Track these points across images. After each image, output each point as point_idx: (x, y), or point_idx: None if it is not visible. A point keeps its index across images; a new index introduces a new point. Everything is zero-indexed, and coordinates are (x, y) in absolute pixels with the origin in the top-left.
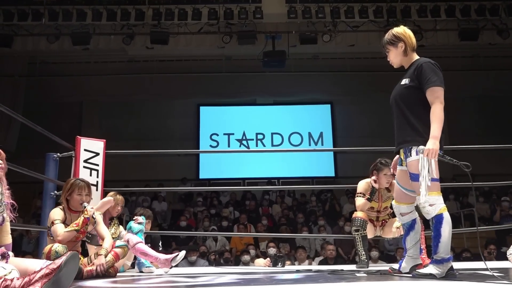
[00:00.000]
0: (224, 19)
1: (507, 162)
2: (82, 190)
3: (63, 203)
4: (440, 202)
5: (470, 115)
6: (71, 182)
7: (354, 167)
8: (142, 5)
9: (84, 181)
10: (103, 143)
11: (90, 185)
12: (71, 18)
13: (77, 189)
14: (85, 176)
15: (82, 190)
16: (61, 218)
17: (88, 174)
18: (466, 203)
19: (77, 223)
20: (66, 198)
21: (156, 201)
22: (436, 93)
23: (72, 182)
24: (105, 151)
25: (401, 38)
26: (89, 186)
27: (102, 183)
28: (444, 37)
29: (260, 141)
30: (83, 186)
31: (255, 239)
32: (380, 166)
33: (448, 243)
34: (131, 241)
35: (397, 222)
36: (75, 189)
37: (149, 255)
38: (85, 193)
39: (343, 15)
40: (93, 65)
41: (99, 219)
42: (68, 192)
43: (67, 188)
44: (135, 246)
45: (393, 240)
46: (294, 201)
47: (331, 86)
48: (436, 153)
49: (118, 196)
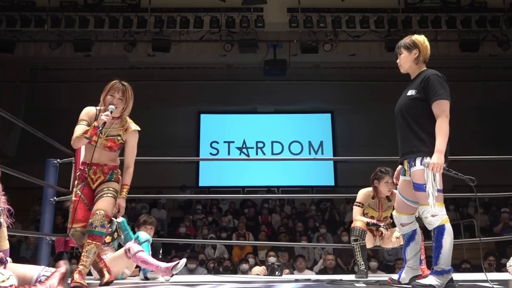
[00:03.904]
0: (225, 28)
1: (507, 172)
2: (115, 92)
3: (101, 102)
4: (443, 213)
5: (470, 125)
6: (111, 83)
7: (354, 176)
8: (145, 13)
9: (125, 84)
10: None
11: (128, 92)
12: (74, 25)
13: (112, 89)
14: None
15: (116, 92)
16: (88, 118)
17: None
18: (466, 214)
19: (87, 131)
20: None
21: (155, 208)
22: (442, 106)
23: (111, 83)
24: None
25: (417, 45)
26: (125, 92)
27: None
28: (445, 48)
29: (260, 150)
30: (118, 88)
31: (254, 248)
32: (381, 174)
33: (449, 255)
34: (132, 250)
35: (397, 232)
36: (110, 90)
37: (150, 264)
38: (118, 96)
39: (344, 25)
40: (94, 71)
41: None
42: (105, 92)
43: (106, 88)
44: (136, 254)
45: (392, 250)
46: (294, 210)
47: (332, 95)
48: (441, 167)
49: None
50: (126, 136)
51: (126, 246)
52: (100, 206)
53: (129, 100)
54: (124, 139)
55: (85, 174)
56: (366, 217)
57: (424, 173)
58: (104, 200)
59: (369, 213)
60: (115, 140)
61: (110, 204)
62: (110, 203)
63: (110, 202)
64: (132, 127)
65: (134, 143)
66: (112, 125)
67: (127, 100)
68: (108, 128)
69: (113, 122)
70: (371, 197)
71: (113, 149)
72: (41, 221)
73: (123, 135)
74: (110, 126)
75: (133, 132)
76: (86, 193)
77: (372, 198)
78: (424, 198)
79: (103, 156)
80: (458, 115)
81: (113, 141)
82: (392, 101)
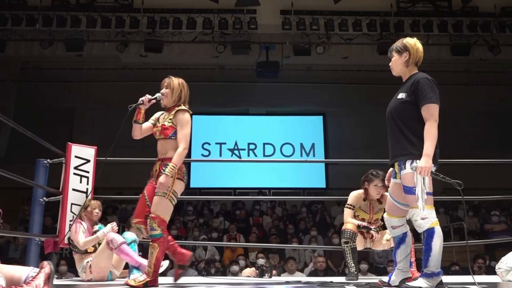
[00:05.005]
0: (218, 29)
1: (497, 175)
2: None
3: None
4: (432, 216)
5: (461, 128)
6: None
7: (345, 179)
8: (137, 13)
9: (171, 77)
10: (94, 150)
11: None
12: (65, 24)
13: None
14: (75, 183)
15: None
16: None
17: (78, 181)
18: (456, 217)
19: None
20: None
21: None
22: (431, 110)
23: None
24: (96, 158)
25: (408, 49)
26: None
27: (92, 190)
28: (436, 52)
29: (252, 151)
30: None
31: (245, 250)
32: (371, 177)
33: (439, 257)
34: (115, 241)
35: (387, 235)
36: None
37: (132, 259)
38: (165, 85)
39: (337, 28)
40: (86, 71)
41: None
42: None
43: None
44: (119, 246)
45: (383, 252)
46: (285, 212)
47: (324, 97)
48: (428, 170)
49: (94, 201)
50: (175, 118)
51: (108, 236)
52: (151, 208)
53: (175, 89)
54: (175, 122)
55: (152, 171)
56: (357, 219)
57: (414, 176)
58: (154, 202)
59: (360, 215)
60: (165, 123)
61: (157, 204)
62: (157, 204)
63: (158, 202)
64: (178, 108)
65: (181, 121)
66: (167, 115)
67: (173, 89)
68: (164, 118)
69: (168, 113)
70: (362, 199)
71: (167, 134)
72: (30, 221)
73: (173, 118)
74: (165, 116)
75: (178, 111)
76: (148, 188)
77: (363, 200)
78: (414, 201)
79: (162, 147)
80: (449, 118)
81: (163, 124)
82: (384, 104)
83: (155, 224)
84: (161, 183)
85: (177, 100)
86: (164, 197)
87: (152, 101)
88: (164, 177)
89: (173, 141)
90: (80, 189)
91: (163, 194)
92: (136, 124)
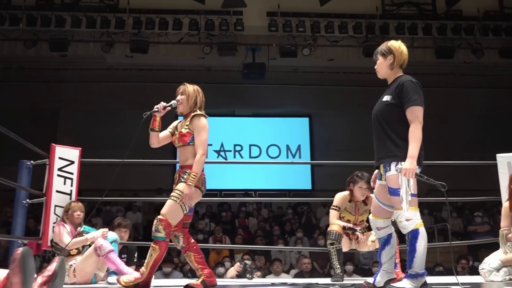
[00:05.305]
0: (205, 30)
1: (479, 177)
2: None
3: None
4: (417, 217)
5: (445, 131)
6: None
7: (331, 180)
8: (123, 13)
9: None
10: (78, 151)
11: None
12: (50, 24)
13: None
14: (59, 185)
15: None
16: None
17: (62, 183)
18: (440, 218)
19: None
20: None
21: (130, 211)
22: (416, 112)
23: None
24: (80, 160)
25: (392, 51)
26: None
27: (76, 192)
28: (421, 55)
29: (238, 153)
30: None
31: (231, 251)
32: (356, 179)
33: (423, 258)
34: (103, 249)
35: (372, 236)
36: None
37: (118, 268)
38: (180, 92)
39: (323, 30)
40: (70, 72)
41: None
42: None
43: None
44: (107, 254)
45: (368, 253)
46: (271, 213)
47: (310, 99)
48: (413, 172)
49: (74, 204)
50: (191, 124)
51: (97, 242)
52: (162, 210)
53: (191, 96)
54: (191, 128)
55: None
56: (343, 220)
57: (399, 177)
58: (166, 204)
59: (345, 217)
60: (183, 130)
61: (167, 206)
62: (168, 206)
63: (169, 205)
64: (194, 113)
65: (198, 127)
66: (184, 122)
67: (188, 95)
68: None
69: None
70: (348, 201)
71: (185, 141)
72: (13, 223)
73: (190, 124)
74: (183, 124)
75: (194, 117)
76: None
77: (348, 201)
78: (399, 203)
79: (182, 155)
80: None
81: (181, 131)
82: (370, 106)
83: (161, 226)
84: (186, 194)
85: (193, 106)
86: (176, 201)
87: (168, 108)
88: (188, 187)
89: (191, 147)
90: (64, 191)
91: (176, 199)
92: (152, 132)
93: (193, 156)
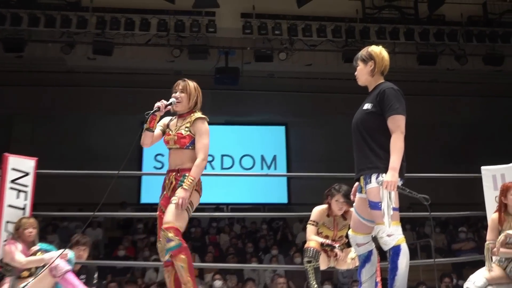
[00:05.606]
0: (174, 31)
1: (464, 190)
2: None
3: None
4: (399, 233)
5: (428, 140)
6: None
7: (309, 194)
8: (85, 12)
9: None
10: (34, 162)
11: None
12: (4, 23)
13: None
14: (12, 199)
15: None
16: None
17: (15, 197)
18: (423, 233)
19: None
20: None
21: (90, 227)
22: (397, 121)
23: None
24: (36, 171)
25: (373, 57)
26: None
27: (31, 207)
28: (403, 61)
29: (209, 164)
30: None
31: (200, 271)
32: (333, 191)
33: (405, 276)
34: (60, 269)
35: (352, 253)
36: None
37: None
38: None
39: (300, 33)
40: (27, 74)
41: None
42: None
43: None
44: (64, 275)
45: (347, 272)
46: (244, 229)
47: (286, 107)
48: (394, 185)
49: (25, 220)
50: (193, 127)
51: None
52: (164, 218)
53: (192, 94)
54: (193, 131)
55: (164, 183)
56: (321, 236)
57: (380, 190)
58: (167, 211)
59: (323, 232)
60: (182, 131)
61: (171, 212)
62: (171, 212)
63: (171, 210)
64: (196, 115)
65: (201, 131)
66: (182, 123)
67: (189, 94)
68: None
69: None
70: (326, 215)
71: (184, 144)
72: None
73: (191, 127)
74: (179, 124)
75: (197, 120)
76: (164, 204)
77: (327, 216)
78: (380, 217)
79: (177, 157)
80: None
81: (180, 133)
82: (350, 114)
83: (171, 234)
84: (182, 198)
85: (193, 106)
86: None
87: (168, 107)
88: (184, 192)
89: (190, 151)
90: (17, 205)
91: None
92: (148, 132)
93: (190, 160)
